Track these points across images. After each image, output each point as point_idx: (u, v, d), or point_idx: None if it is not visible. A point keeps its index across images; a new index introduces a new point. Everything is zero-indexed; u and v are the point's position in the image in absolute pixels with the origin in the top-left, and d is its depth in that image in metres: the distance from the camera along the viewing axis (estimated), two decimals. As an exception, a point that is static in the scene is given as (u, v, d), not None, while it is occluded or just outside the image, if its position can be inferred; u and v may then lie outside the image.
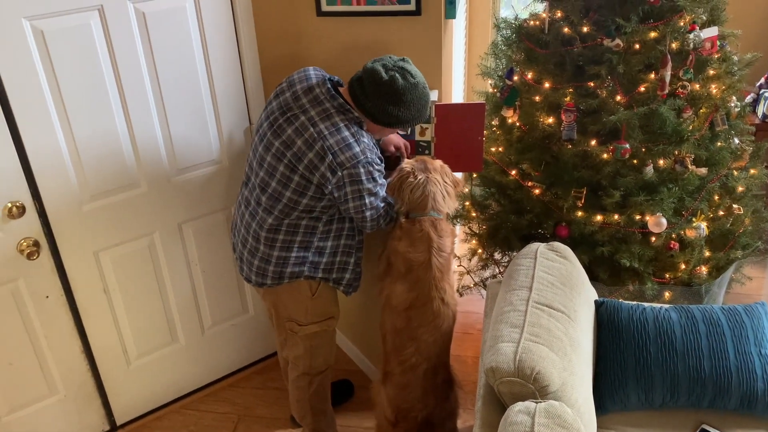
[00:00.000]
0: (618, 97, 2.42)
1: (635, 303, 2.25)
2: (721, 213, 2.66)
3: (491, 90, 2.95)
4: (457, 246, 3.68)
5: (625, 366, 2.09)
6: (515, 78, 2.68)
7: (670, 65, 2.33)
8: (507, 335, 1.84)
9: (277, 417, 2.88)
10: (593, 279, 2.50)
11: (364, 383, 2.95)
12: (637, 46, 2.37)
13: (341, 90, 2.08)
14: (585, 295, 2.14)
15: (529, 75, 2.62)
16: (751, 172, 2.76)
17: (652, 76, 2.39)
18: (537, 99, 2.60)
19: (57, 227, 2.34)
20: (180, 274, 2.72)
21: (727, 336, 2.09)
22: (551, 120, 2.58)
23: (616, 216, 2.53)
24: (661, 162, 2.48)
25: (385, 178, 2.17)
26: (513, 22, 2.71)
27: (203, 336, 2.91)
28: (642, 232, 2.53)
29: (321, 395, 2.55)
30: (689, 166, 2.47)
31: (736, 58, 2.61)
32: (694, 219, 2.56)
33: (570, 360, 1.84)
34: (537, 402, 1.64)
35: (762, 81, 3.74)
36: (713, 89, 2.49)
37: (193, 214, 2.65)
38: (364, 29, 2.46)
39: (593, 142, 2.50)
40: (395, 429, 2.35)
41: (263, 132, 2.12)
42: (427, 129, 2.46)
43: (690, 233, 2.53)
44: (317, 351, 2.41)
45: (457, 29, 3.17)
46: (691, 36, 2.37)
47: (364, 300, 2.85)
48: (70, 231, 2.38)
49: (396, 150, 2.39)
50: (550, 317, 1.91)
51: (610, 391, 2.10)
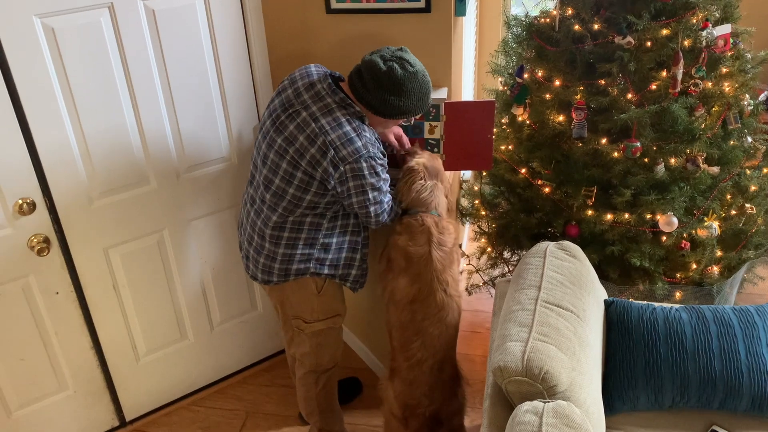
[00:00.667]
0: (629, 95, 2.40)
1: (645, 303, 2.23)
2: (734, 212, 2.64)
3: (501, 88, 2.93)
4: (466, 244, 3.68)
5: (635, 366, 2.08)
6: (525, 76, 2.66)
7: (682, 63, 2.31)
8: (515, 334, 1.84)
9: (285, 414, 2.89)
10: (603, 278, 2.48)
11: (372, 381, 2.95)
12: (649, 43, 2.35)
13: (342, 85, 2.08)
14: (594, 295, 2.13)
15: (540, 73, 2.61)
16: (764, 171, 2.74)
17: (663, 73, 2.37)
18: (547, 97, 2.58)
19: (67, 224, 2.36)
20: (189, 271, 2.73)
21: (739, 337, 2.07)
22: (561, 118, 2.57)
23: (626, 215, 2.51)
24: (673, 161, 2.46)
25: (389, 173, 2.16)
26: (523, 19, 2.70)
27: (212, 333, 2.92)
28: (653, 231, 2.51)
29: (328, 393, 2.56)
30: (701, 164, 2.44)
31: (749, 55, 2.58)
32: (705, 218, 2.54)
33: (579, 360, 1.83)
34: (545, 402, 1.64)
35: (776, 79, 3.71)
36: (726, 87, 2.47)
37: (203, 211, 2.66)
38: (373, 27, 2.46)
39: (604, 140, 2.49)
40: (403, 425, 2.35)
41: (266, 129, 2.12)
42: (437, 127, 2.45)
43: (701, 233, 2.51)
44: (324, 348, 2.42)
45: (467, 26, 3.16)
46: (704, 33, 2.35)
47: (371, 298, 2.85)
48: (79, 227, 2.39)
49: (397, 141, 2.37)
50: (559, 316, 1.90)
51: (619, 392, 2.09)
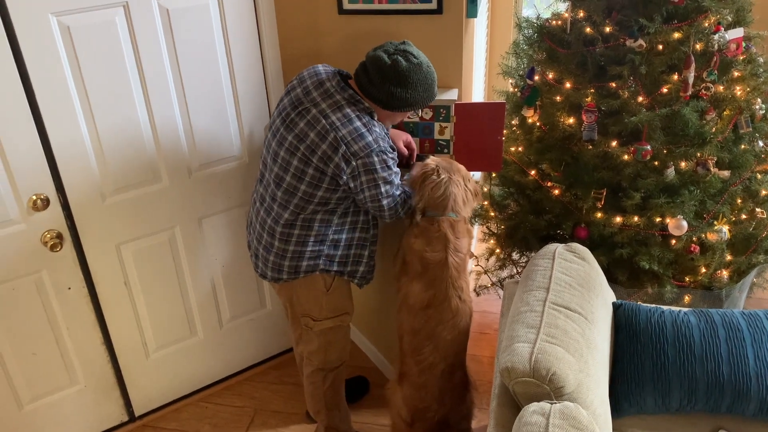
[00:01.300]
0: (640, 98, 2.40)
1: (654, 306, 2.23)
2: (744, 216, 2.63)
3: (512, 89, 2.94)
4: (475, 245, 3.68)
5: (643, 369, 2.08)
6: (536, 78, 2.67)
7: (693, 66, 2.30)
8: (523, 335, 1.84)
9: (293, 412, 2.90)
10: (612, 281, 2.48)
11: (379, 380, 2.96)
12: (661, 46, 2.35)
13: (350, 82, 2.11)
14: (603, 297, 2.13)
15: (551, 75, 2.61)
16: (775, 175, 2.72)
17: (675, 77, 2.37)
18: (558, 99, 2.58)
19: (80, 220, 2.38)
20: (200, 268, 2.75)
21: (747, 341, 2.07)
22: (572, 120, 2.56)
23: (636, 218, 2.51)
24: (683, 164, 2.46)
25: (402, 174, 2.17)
26: (535, 21, 2.70)
27: (221, 330, 2.94)
28: (662, 234, 2.51)
29: (335, 391, 2.57)
30: (712, 168, 2.44)
31: (761, 59, 2.57)
32: (715, 222, 2.53)
33: (586, 362, 1.83)
34: (552, 403, 1.64)
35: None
36: (738, 91, 2.46)
37: (214, 209, 2.67)
38: (385, 27, 2.47)
39: (614, 143, 2.48)
40: (411, 429, 2.35)
41: (276, 128, 2.14)
42: (447, 128, 2.46)
43: (711, 236, 2.50)
44: (332, 346, 2.43)
45: (479, 28, 3.16)
46: (716, 37, 2.34)
47: (380, 297, 2.86)
48: (92, 224, 2.41)
49: (405, 146, 2.39)
50: (567, 318, 1.90)
51: (626, 394, 2.09)
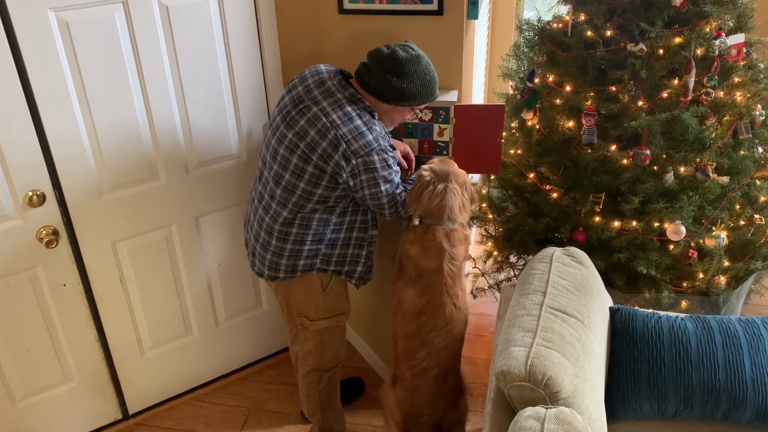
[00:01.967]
0: (640, 103, 2.39)
1: (651, 311, 2.22)
2: (742, 222, 2.62)
3: (512, 92, 2.93)
4: (472, 248, 3.68)
5: (639, 374, 2.07)
6: (536, 80, 2.66)
7: (694, 71, 2.29)
8: (519, 339, 1.83)
9: (287, 412, 2.89)
10: (609, 285, 2.47)
11: (375, 382, 2.95)
12: (661, 51, 2.34)
13: (351, 81, 2.12)
14: (600, 302, 2.12)
15: (551, 78, 2.60)
16: (774, 181, 2.72)
17: (675, 82, 2.36)
18: (558, 102, 2.58)
19: (76, 216, 2.37)
20: (196, 266, 2.74)
21: (744, 348, 2.06)
22: (571, 124, 2.56)
23: (634, 222, 2.50)
24: (682, 169, 2.45)
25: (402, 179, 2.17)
26: (536, 24, 2.69)
27: (217, 329, 2.93)
28: (660, 239, 2.50)
29: (330, 391, 2.56)
30: (711, 174, 2.43)
31: (762, 65, 2.57)
32: (714, 228, 2.53)
33: (582, 366, 1.82)
34: (547, 408, 1.63)
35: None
36: (738, 97, 2.46)
37: (211, 207, 2.67)
38: (385, 28, 2.46)
39: (613, 147, 2.48)
40: (403, 432, 2.35)
41: (276, 125, 2.14)
42: (446, 129, 2.45)
43: (709, 242, 2.50)
44: (327, 347, 2.42)
45: (480, 30, 3.16)
46: (717, 42, 2.34)
47: (376, 298, 2.85)
48: (88, 220, 2.40)
49: (404, 158, 2.38)
50: (563, 323, 1.90)
51: (622, 400, 2.08)
